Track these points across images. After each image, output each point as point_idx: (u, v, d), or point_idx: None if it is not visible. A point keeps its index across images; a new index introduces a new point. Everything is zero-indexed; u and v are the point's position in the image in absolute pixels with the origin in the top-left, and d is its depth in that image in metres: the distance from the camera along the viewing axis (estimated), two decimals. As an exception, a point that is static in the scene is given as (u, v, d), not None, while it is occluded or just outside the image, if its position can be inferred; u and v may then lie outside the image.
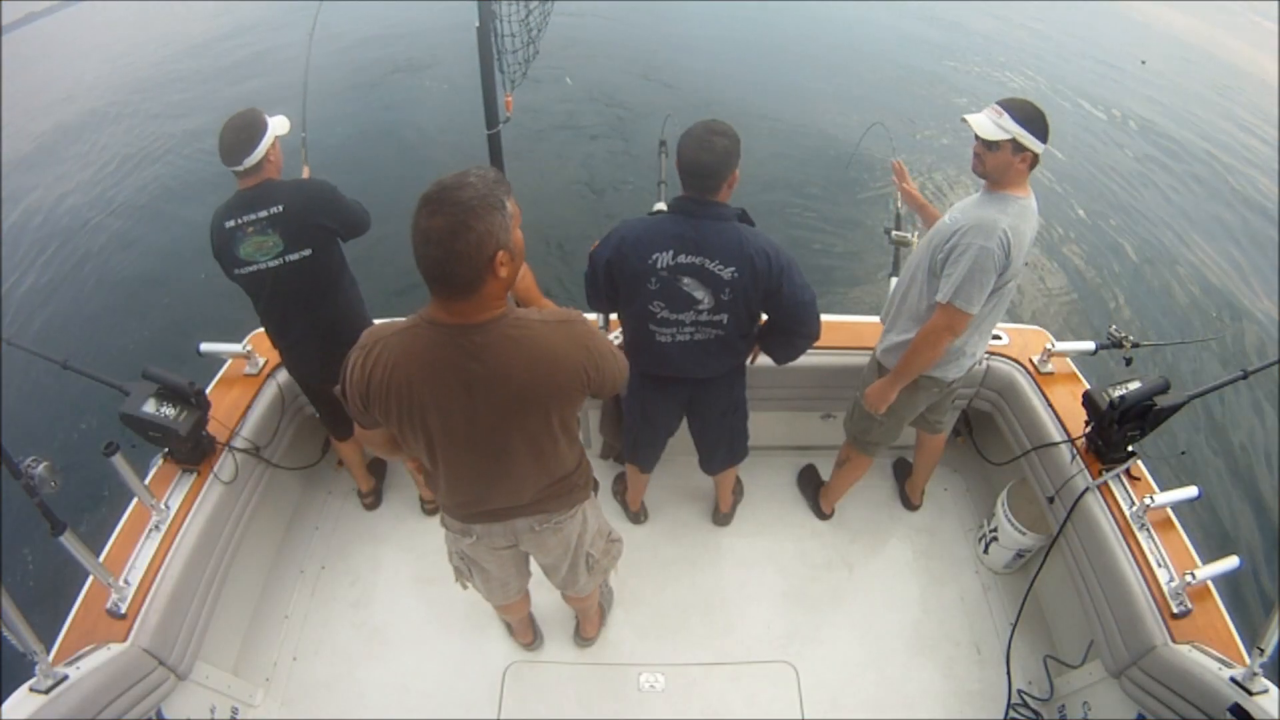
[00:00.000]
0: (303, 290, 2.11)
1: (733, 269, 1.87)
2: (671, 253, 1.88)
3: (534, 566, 2.04)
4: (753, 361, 2.29)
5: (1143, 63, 11.18)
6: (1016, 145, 1.86)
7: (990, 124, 1.88)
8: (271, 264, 2.03)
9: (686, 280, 1.91)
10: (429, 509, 2.91)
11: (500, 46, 1.92)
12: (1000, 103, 1.89)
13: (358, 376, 1.35)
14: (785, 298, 1.93)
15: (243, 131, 1.95)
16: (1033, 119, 1.85)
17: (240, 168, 1.97)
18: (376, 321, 1.76)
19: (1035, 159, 1.90)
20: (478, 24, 1.84)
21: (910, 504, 2.96)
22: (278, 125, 2.04)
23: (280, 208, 1.99)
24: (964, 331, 2.07)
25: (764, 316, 2.08)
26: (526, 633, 2.48)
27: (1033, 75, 9.92)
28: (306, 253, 2.04)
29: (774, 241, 1.92)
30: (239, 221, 2.00)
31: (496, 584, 1.95)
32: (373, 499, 2.93)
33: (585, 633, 2.52)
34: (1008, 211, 1.90)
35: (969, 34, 11.41)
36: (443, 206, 1.17)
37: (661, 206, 2.33)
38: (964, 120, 1.92)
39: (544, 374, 1.34)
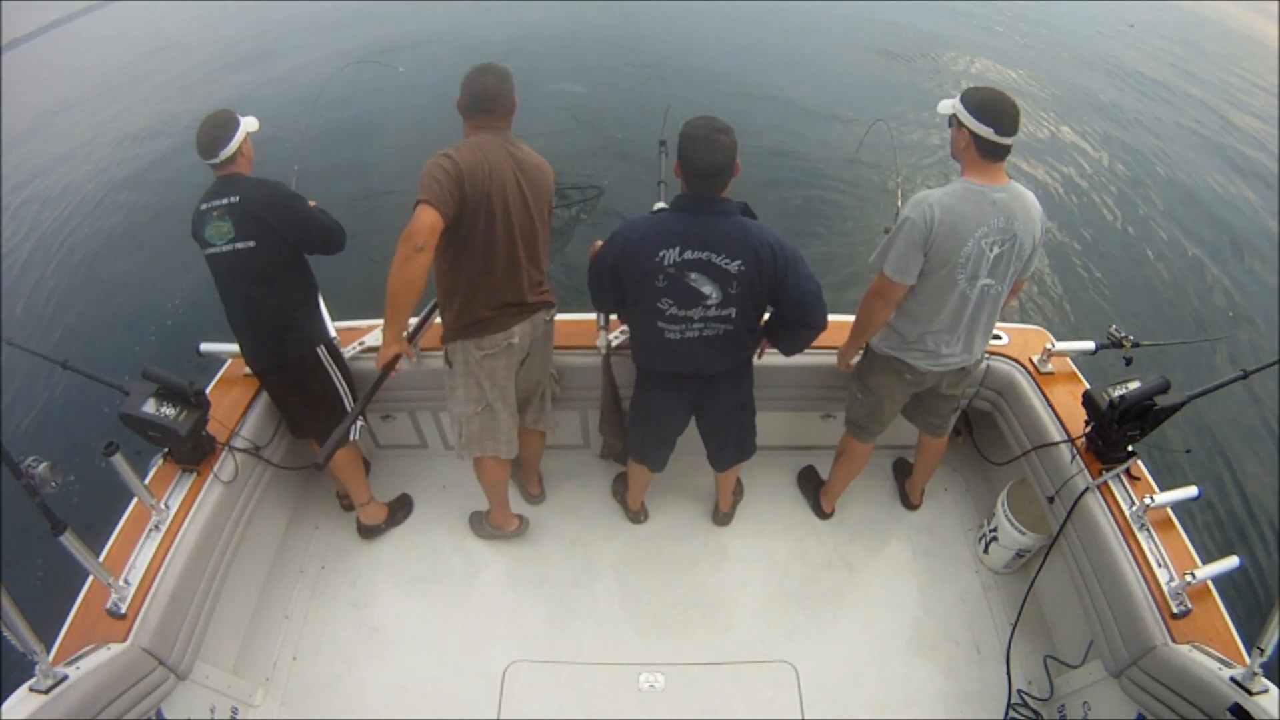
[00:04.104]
0: (244, 278, 2.22)
1: (739, 262, 1.88)
2: (678, 249, 1.89)
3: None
4: (760, 357, 2.29)
5: (1130, 26, 11.05)
6: (958, 121, 1.93)
7: (946, 102, 2.00)
8: (224, 249, 2.17)
9: (694, 275, 1.92)
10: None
11: None
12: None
13: (449, 164, 1.88)
14: (791, 288, 1.94)
15: (217, 129, 2.18)
16: (974, 99, 1.90)
17: (215, 160, 2.18)
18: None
19: (983, 143, 1.91)
20: None
21: (910, 504, 2.95)
22: (248, 124, 2.27)
23: (237, 198, 2.15)
24: (918, 313, 2.12)
25: (768, 313, 2.08)
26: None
27: (1028, 69, 9.89)
28: (251, 244, 2.16)
29: (778, 234, 1.94)
30: (208, 205, 2.17)
31: (512, 409, 2.36)
32: (371, 532, 2.83)
33: (531, 490, 2.92)
34: (949, 191, 1.95)
35: (958, 28, 11.35)
36: (493, 69, 2.03)
37: (662, 206, 2.32)
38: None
39: (541, 159, 2.14)
